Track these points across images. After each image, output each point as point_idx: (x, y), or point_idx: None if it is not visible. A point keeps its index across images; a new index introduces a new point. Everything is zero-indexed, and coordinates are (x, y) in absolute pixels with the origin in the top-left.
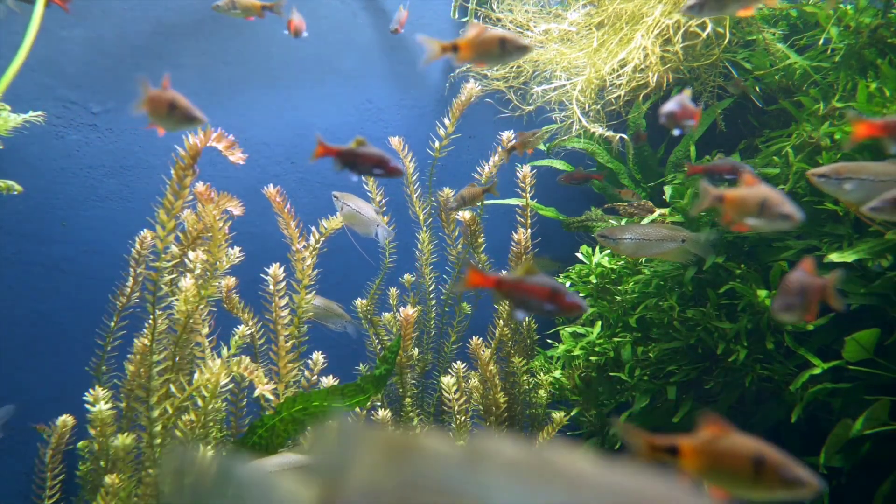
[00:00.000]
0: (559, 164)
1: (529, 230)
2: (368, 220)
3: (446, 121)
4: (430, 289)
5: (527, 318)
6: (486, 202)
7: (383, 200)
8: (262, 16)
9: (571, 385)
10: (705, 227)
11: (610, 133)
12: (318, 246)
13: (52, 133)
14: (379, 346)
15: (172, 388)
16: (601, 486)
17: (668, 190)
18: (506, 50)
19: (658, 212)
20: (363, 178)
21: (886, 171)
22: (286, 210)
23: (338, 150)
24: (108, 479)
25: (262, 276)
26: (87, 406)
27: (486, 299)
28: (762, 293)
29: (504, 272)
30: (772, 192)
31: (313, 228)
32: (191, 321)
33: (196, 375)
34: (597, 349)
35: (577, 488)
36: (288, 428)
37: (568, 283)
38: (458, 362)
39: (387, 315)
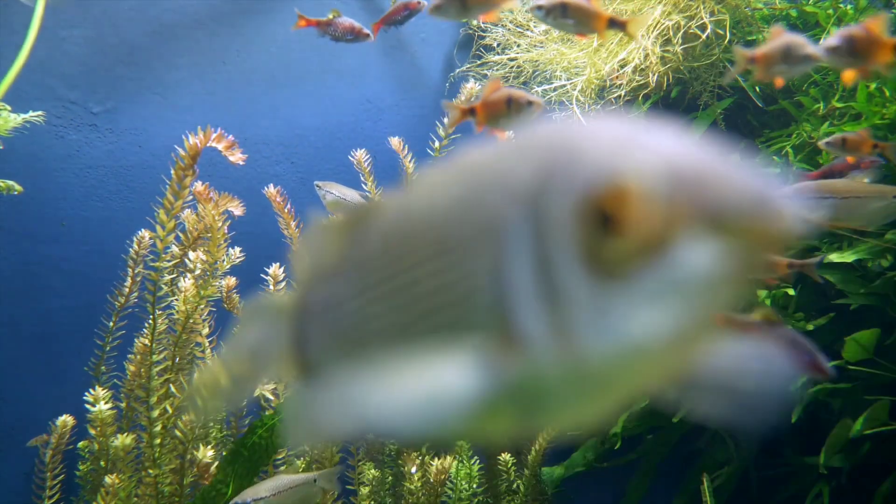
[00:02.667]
0: None
1: None
2: (354, 207)
3: (446, 120)
4: None
5: None
6: None
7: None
8: None
9: None
10: None
11: None
12: None
13: (52, 133)
14: None
15: (172, 388)
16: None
17: None
18: (512, 108)
19: None
20: (362, 178)
21: (848, 188)
22: (286, 210)
23: (317, 21)
24: (108, 479)
25: (262, 276)
26: (87, 406)
27: None
28: (762, 293)
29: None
30: (794, 38)
31: None
32: (191, 321)
33: (196, 375)
34: None
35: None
36: None
37: None
38: None
39: None
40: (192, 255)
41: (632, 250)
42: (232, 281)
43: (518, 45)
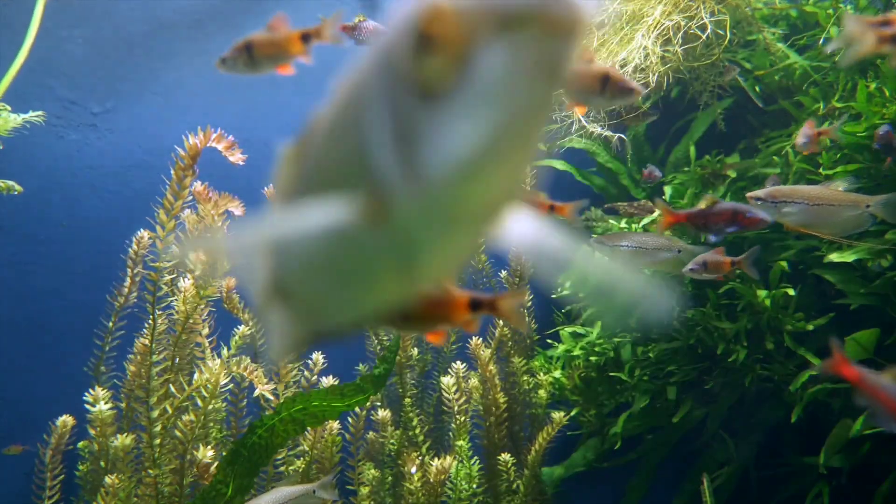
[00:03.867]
0: (559, 164)
1: None
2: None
3: None
4: None
5: (526, 319)
6: None
7: None
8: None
9: (571, 385)
10: None
11: (609, 133)
12: None
13: (52, 133)
14: (378, 347)
15: (172, 389)
16: None
17: (667, 190)
18: (607, 89)
19: (658, 212)
20: None
21: (819, 196)
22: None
23: (342, 26)
24: (108, 479)
25: None
26: (87, 406)
27: None
28: (762, 293)
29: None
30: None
31: None
32: (190, 321)
33: (196, 375)
34: (597, 349)
35: None
36: (287, 428)
37: (568, 283)
38: (458, 362)
39: None
40: (192, 255)
41: (446, 65)
42: (232, 281)
43: None
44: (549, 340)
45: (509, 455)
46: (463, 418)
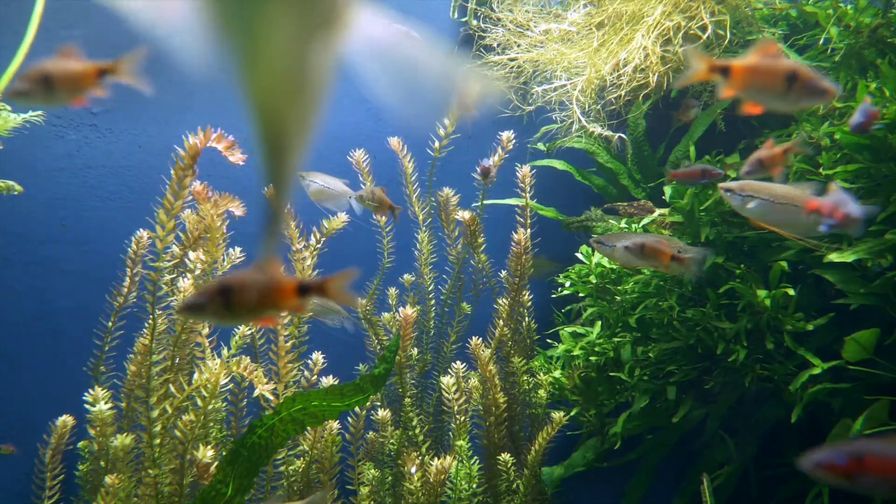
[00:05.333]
0: (559, 164)
1: (529, 230)
2: (339, 194)
3: (446, 121)
4: (430, 289)
5: (527, 319)
6: (484, 202)
7: None
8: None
9: (571, 385)
10: (705, 226)
11: (609, 133)
12: (318, 246)
13: (52, 133)
14: (378, 347)
15: (172, 389)
16: None
17: (667, 190)
18: (794, 88)
19: (658, 212)
20: (360, 178)
21: (786, 194)
22: (286, 210)
23: None
24: (108, 479)
25: None
26: (87, 406)
27: (486, 300)
28: (762, 293)
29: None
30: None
31: (314, 228)
32: (190, 321)
33: (196, 375)
34: (596, 349)
35: None
36: (287, 428)
37: (568, 283)
38: (458, 362)
39: (386, 315)
40: (192, 255)
41: None
42: None
43: (518, 45)
44: (549, 340)
45: (509, 455)
46: (463, 418)
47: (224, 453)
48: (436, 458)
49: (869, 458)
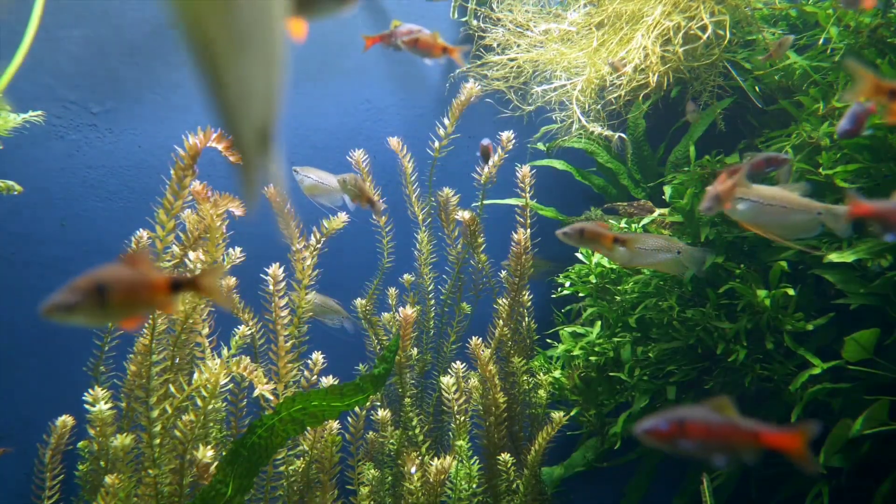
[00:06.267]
0: (559, 164)
1: (529, 230)
2: (332, 189)
3: (446, 121)
4: (430, 289)
5: (526, 319)
6: (484, 202)
7: (381, 200)
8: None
9: (571, 385)
10: (705, 226)
11: (609, 132)
12: (318, 246)
13: (52, 133)
14: (378, 347)
15: (172, 389)
16: None
17: (667, 190)
18: None
19: (658, 212)
20: (359, 174)
21: (774, 196)
22: (286, 210)
23: (380, 36)
24: (108, 479)
25: (262, 276)
26: (87, 406)
27: (485, 300)
28: (762, 293)
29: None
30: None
31: (314, 228)
32: (190, 321)
33: (196, 375)
34: (596, 349)
35: None
36: (287, 428)
37: (568, 283)
38: (458, 362)
39: (386, 315)
40: (192, 255)
41: None
42: (232, 281)
43: (518, 45)
44: (548, 340)
45: (509, 455)
46: (462, 418)
47: (224, 453)
48: (436, 458)
49: (689, 424)
